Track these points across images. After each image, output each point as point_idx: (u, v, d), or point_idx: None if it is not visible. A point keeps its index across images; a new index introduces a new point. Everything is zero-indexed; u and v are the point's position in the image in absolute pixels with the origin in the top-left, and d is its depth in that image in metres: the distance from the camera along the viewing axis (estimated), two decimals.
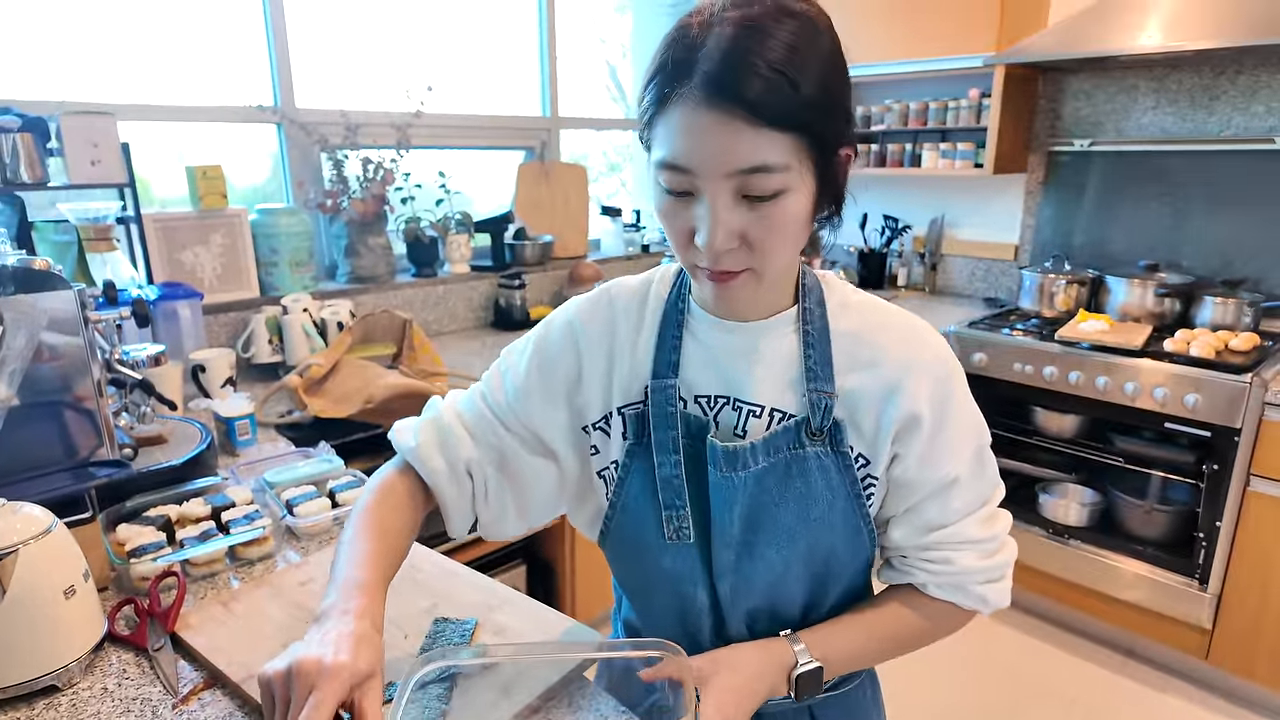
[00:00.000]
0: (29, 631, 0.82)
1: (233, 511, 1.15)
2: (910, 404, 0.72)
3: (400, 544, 0.77)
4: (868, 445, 0.74)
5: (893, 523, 0.78)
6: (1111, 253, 2.69)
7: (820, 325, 0.74)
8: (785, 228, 0.64)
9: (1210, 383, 2.00)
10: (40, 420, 1.16)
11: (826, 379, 0.73)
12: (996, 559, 0.77)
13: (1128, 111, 2.61)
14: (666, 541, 0.76)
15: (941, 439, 0.73)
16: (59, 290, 1.11)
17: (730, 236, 0.64)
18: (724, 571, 0.76)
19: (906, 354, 0.73)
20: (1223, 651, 2.13)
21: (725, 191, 0.62)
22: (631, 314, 0.80)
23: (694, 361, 0.77)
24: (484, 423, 0.83)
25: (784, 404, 0.74)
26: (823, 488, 0.73)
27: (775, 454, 0.73)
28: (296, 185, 2.29)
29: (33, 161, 1.70)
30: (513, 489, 0.84)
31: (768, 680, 0.73)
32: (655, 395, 0.75)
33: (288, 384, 1.69)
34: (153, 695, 0.84)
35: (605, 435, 0.81)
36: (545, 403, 0.81)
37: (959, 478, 0.74)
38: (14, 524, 0.83)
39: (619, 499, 0.80)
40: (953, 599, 0.78)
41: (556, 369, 0.81)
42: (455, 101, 2.62)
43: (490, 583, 1.04)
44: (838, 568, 0.78)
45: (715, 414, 0.76)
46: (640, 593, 0.86)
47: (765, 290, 0.71)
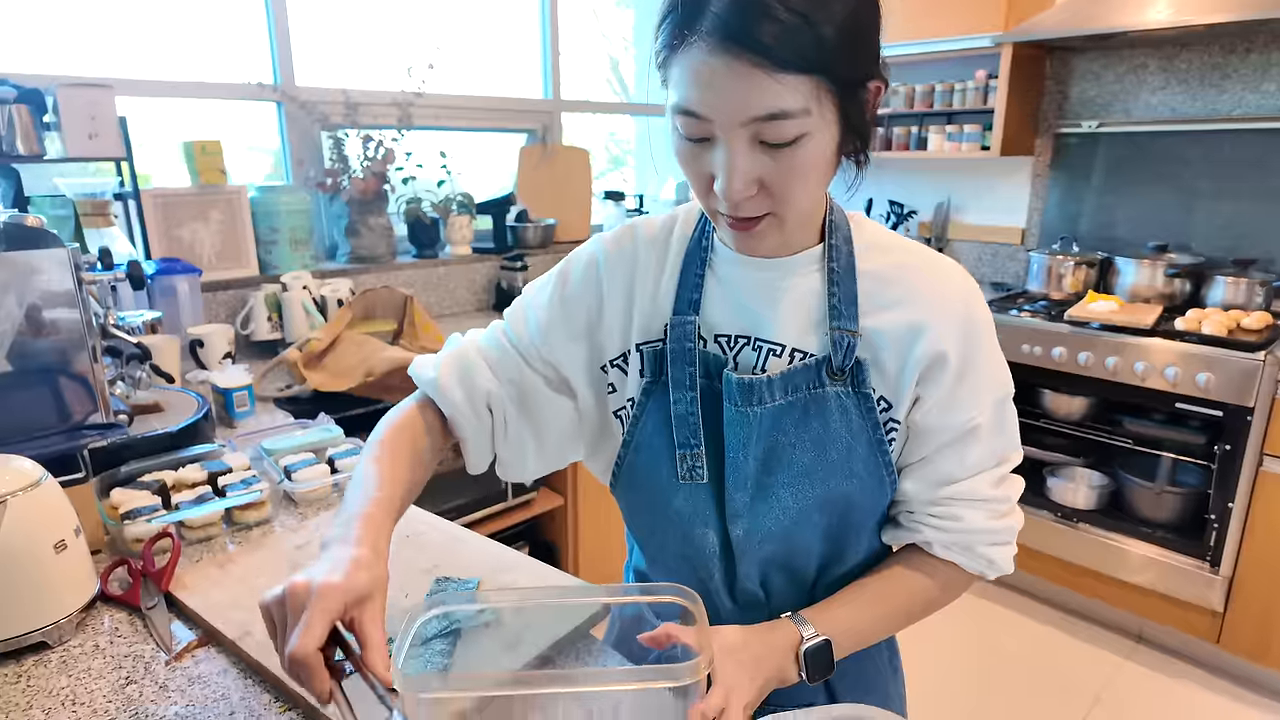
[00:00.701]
0: (18, 585, 0.80)
1: (229, 477, 1.12)
2: (936, 344, 0.69)
3: (415, 475, 0.75)
4: (891, 387, 0.72)
5: (905, 473, 0.75)
6: (1119, 236, 2.67)
7: (846, 263, 0.72)
8: (805, 172, 0.62)
9: (1223, 361, 1.98)
10: (34, 385, 1.13)
11: (850, 318, 0.70)
12: (1006, 521, 0.75)
13: (1136, 92, 2.58)
14: (679, 481, 0.74)
15: (965, 384, 0.70)
16: (52, 249, 1.08)
17: (748, 184, 0.62)
18: (737, 513, 0.73)
19: (935, 293, 0.71)
20: (1234, 635, 2.10)
21: (742, 139, 0.60)
22: (655, 251, 0.78)
23: (716, 300, 0.75)
24: (506, 357, 0.81)
25: (806, 344, 0.72)
26: (842, 429, 0.71)
27: (794, 392, 0.70)
28: (296, 164, 2.27)
29: (28, 134, 1.67)
30: (532, 426, 0.82)
31: (774, 659, 0.70)
32: (674, 331, 0.73)
33: (287, 358, 1.66)
34: (145, 652, 0.81)
35: (623, 373, 0.79)
36: (567, 338, 0.80)
37: (979, 427, 0.72)
38: (3, 475, 0.81)
39: (633, 437, 0.77)
40: (958, 560, 0.76)
41: (579, 304, 0.80)
42: (457, 82, 2.60)
43: (495, 546, 1.01)
44: (857, 518, 0.75)
45: (735, 353, 0.74)
46: (650, 537, 0.84)
47: (790, 232, 0.69)
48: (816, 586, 0.79)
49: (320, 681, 0.54)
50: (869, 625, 0.76)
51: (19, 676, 0.77)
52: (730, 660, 0.66)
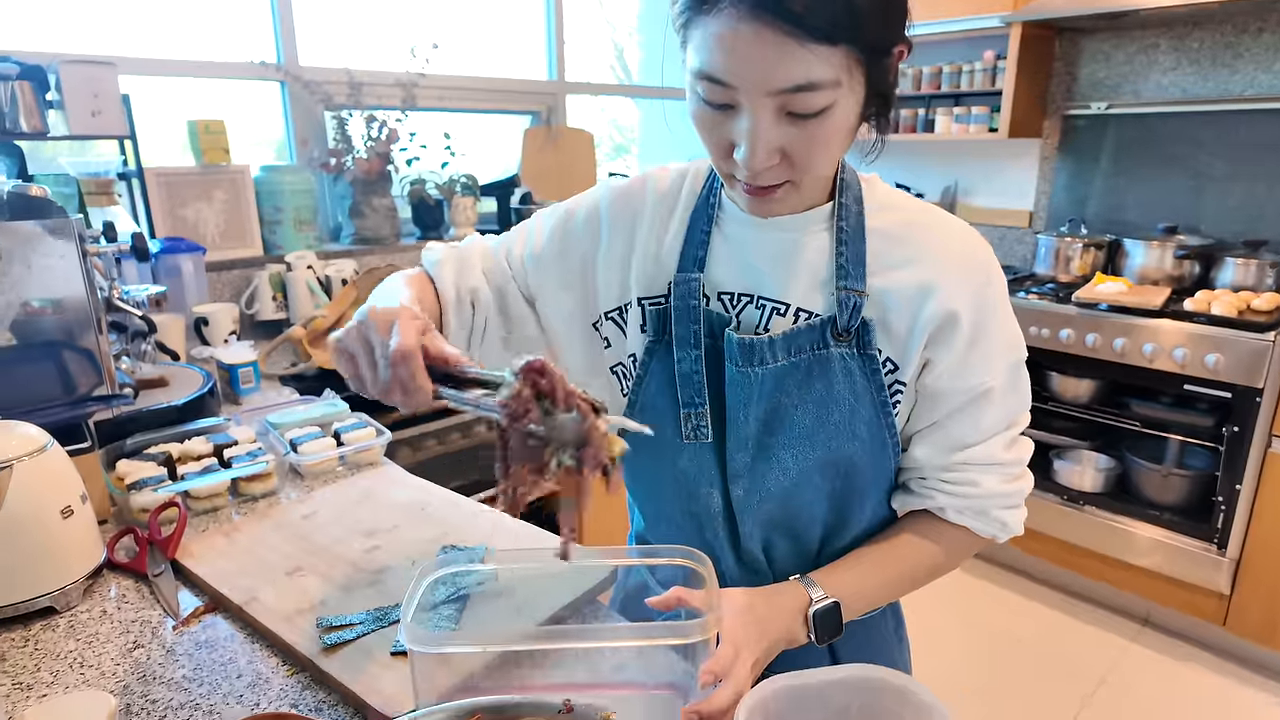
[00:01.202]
0: (25, 550, 0.80)
1: (235, 449, 1.12)
2: (947, 303, 0.68)
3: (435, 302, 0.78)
4: (898, 349, 0.71)
5: (917, 439, 0.74)
6: (1128, 219, 2.64)
7: (855, 223, 0.71)
8: (829, 141, 0.61)
9: (1232, 342, 1.96)
10: (38, 359, 1.13)
11: (858, 278, 0.69)
12: (1018, 484, 0.75)
13: (1147, 72, 2.55)
14: (684, 441, 0.74)
15: (979, 347, 0.69)
16: (56, 219, 1.08)
17: (771, 154, 0.61)
18: (738, 473, 0.73)
19: (947, 252, 0.70)
20: (1241, 617, 2.10)
21: (768, 109, 0.59)
22: (664, 206, 0.78)
23: (721, 258, 0.74)
24: (497, 268, 0.83)
25: (811, 304, 0.71)
26: (845, 391, 0.70)
27: (797, 353, 0.70)
28: (300, 144, 2.25)
29: (31, 111, 1.67)
30: (504, 331, 0.84)
31: (783, 620, 0.69)
32: (678, 289, 0.73)
33: (291, 335, 1.66)
34: (153, 618, 0.81)
35: (618, 328, 0.79)
36: (557, 282, 0.81)
37: (993, 390, 0.70)
38: (9, 441, 0.81)
39: (637, 397, 0.76)
40: (971, 524, 0.75)
41: (574, 249, 0.80)
42: (461, 63, 2.58)
43: (500, 516, 1.01)
44: (860, 483, 0.75)
45: (738, 311, 0.73)
46: (653, 498, 0.83)
47: (805, 195, 0.69)
48: (821, 554, 0.78)
49: (424, 376, 0.57)
50: (877, 588, 0.76)
51: (26, 640, 0.77)
52: (738, 620, 0.65)
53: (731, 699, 0.58)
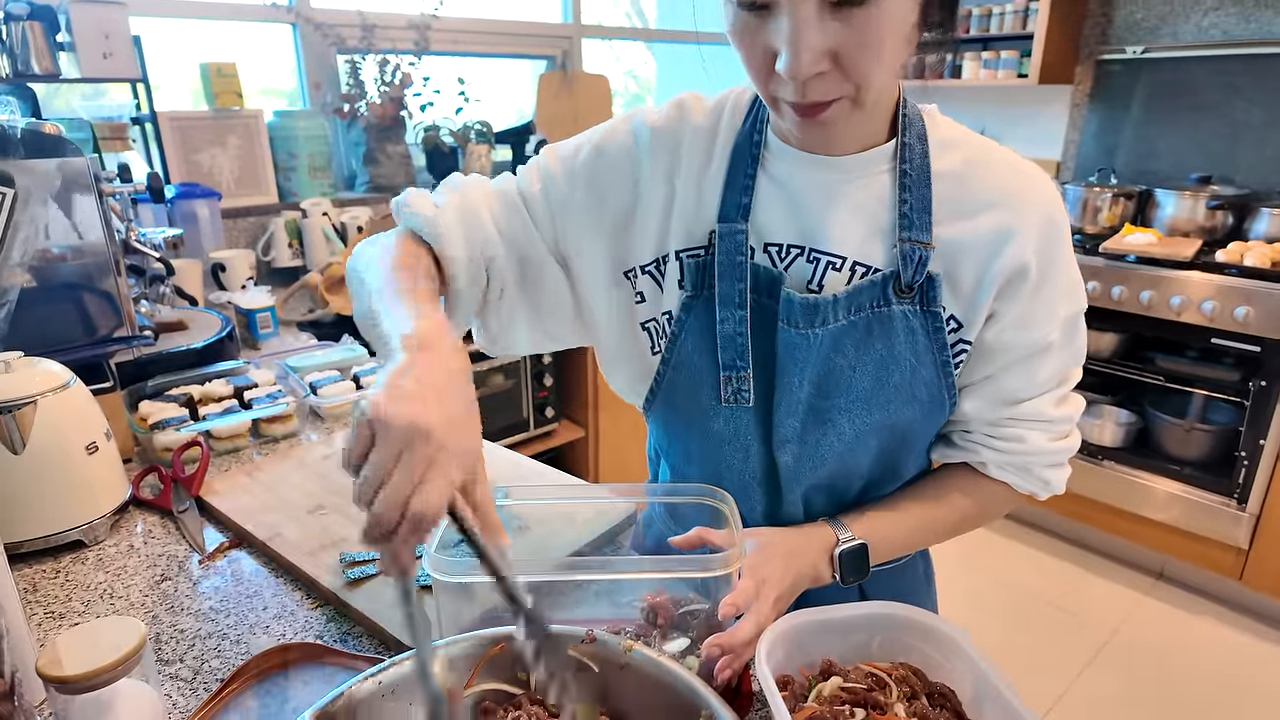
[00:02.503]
0: (54, 484, 0.81)
1: (255, 391, 1.12)
2: (1020, 254, 0.62)
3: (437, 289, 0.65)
4: (964, 305, 0.65)
5: (967, 392, 0.69)
6: (1159, 168, 2.56)
7: (921, 165, 0.63)
8: (884, 40, 0.53)
9: (1264, 294, 1.91)
10: (59, 299, 1.13)
11: (923, 228, 0.63)
12: (1066, 443, 0.71)
13: (1187, 13, 2.45)
14: (721, 405, 0.68)
15: (1042, 297, 0.64)
16: (71, 157, 1.07)
17: (818, 58, 0.52)
18: (787, 439, 0.67)
19: (1023, 195, 0.63)
20: (1259, 571, 2.09)
21: (809, 1, 0.51)
22: (701, 144, 0.69)
23: (768, 203, 0.66)
24: (517, 219, 0.71)
25: (869, 257, 0.64)
26: (907, 351, 0.64)
27: (857, 312, 0.63)
28: (313, 87, 2.22)
29: (42, 52, 1.64)
30: (530, 300, 0.73)
31: (808, 558, 0.67)
32: (723, 242, 0.65)
33: (308, 282, 1.66)
34: (179, 553, 0.83)
35: (655, 282, 0.70)
36: (590, 231, 0.70)
37: (1051, 344, 0.65)
38: (32, 376, 0.81)
39: (672, 355, 0.69)
40: (1012, 480, 0.72)
41: (610, 197, 0.70)
42: (474, 5, 2.52)
43: (520, 458, 1.01)
44: (915, 441, 0.71)
45: (787, 265, 0.66)
46: (684, 461, 0.77)
47: (863, 120, 0.61)
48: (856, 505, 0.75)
49: (410, 554, 0.45)
50: (908, 535, 0.74)
51: (57, 572, 0.79)
52: (762, 555, 0.65)
53: (753, 632, 0.58)
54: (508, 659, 0.55)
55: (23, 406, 0.78)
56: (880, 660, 0.60)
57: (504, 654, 0.55)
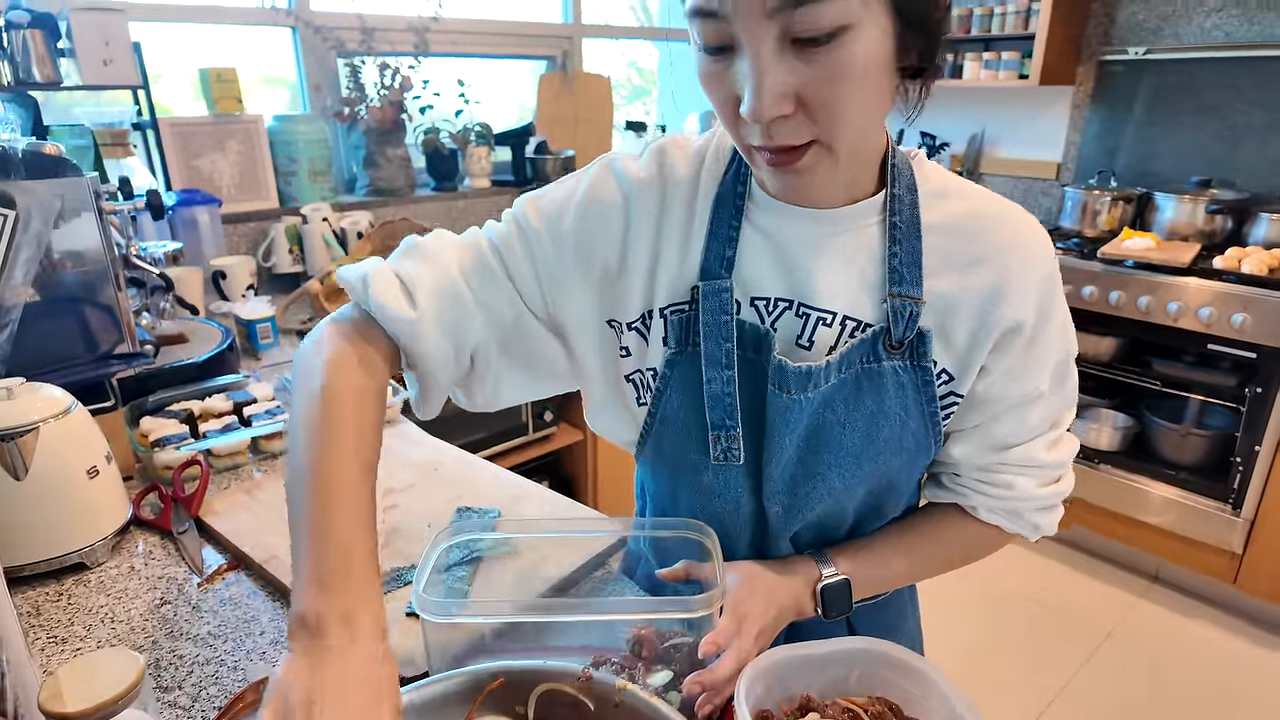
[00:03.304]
0: (54, 509, 0.82)
1: (255, 407, 1.14)
2: (1015, 311, 0.61)
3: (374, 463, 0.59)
4: (957, 359, 0.64)
5: (957, 438, 0.69)
6: (1160, 170, 2.56)
7: (910, 217, 0.62)
8: (852, 79, 0.50)
9: (1260, 301, 1.92)
10: (60, 316, 1.15)
11: (913, 282, 0.61)
12: (1057, 487, 0.70)
13: (1189, 15, 2.44)
14: (712, 461, 0.67)
15: (1035, 350, 0.63)
16: (71, 177, 1.08)
17: (780, 100, 0.50)
18: (776, 493, 0.67)
19: (1017, 250, 0.62)
20: (1253, 576, 2.10)
21: (768, 38, 0.49)
22: (683, 194, 0.66)
23: (753, 256, 0.64)
24: (498, 288, 0.67)
25: (859, 311, 0.63)
26: (896, 407, 0.64)
27: (848, 369, 0.62)
28: (313, 90, 2.23)
29: (43, 60, 1.66)
30: (517, 367, 0.71)
31: (791, 591, 0.68)
32: (706, 301, 0.63)
33: (309, 290, 1.67)
34: (178, 575, 0.84)
35: (640, 337, 0.68)
36: (579, 286, 0.68)
37: (1042, 394, 0.65)
38: (34, 403, 0.83)
39: (657, 409, 0.68)
40: (1002, 523, 0.72)
41: (596, 254, 0.67)
42: (475, 6, 2.52)
43: (512, 476, 1.03)
44: (901, 485, 0.72)
45: (774, 319, 0.64)
46: (672, 507, 0.75)
47: (843, 170, 0.58)
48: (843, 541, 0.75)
49: None
50: (894, 573, 0.74)
51: (59, 595, 0.81)
52: (744, 590, 0.65)
53: (734, 668, 0.59)
54: (506, 693, 0.57)
55: (25, 433, 0.80)
56: (858, 695, 0.61)
57: (502, 688, 0.57)
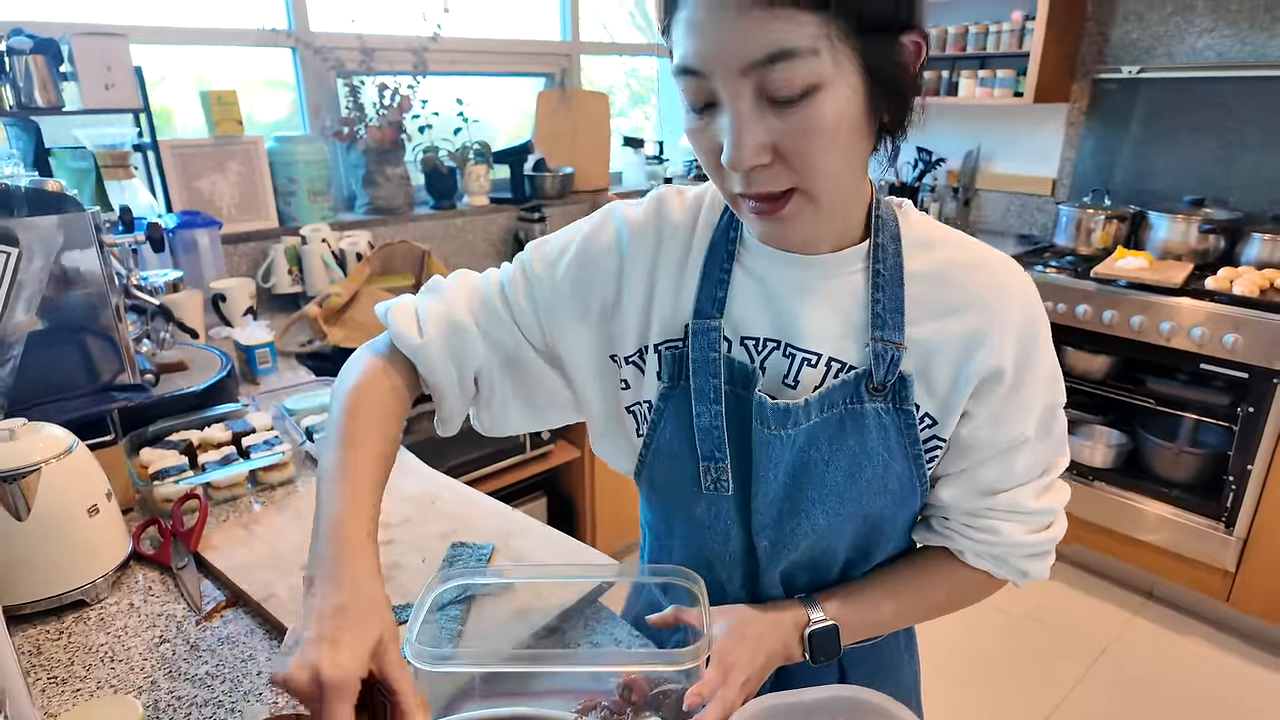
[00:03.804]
0: (55, 548, 0.84)
1: (253, 437, 1.15)
2: (995, 358, 0.63)
3: (388, 454, 0.68)
4: (939, 403, 0.66)
5: (944, 482, 0.70)
6: (1155, 188, 2.58)
7: (893, 265, 0.65)
8: (824, 134, 0.54)
9: (1252, 322, 1.93)
10: (61, 345, 1.16)
11: (895, 328, 0.64)
12: (1046, 534, 0.71)
13: (1182, 34, 2.46)
14: (702, 491, 0.70)
15: (1018, 397, 0.65)
16: (73, 213, 1.10)
17: (758, 151, 0.54)
18: (765, 526, 0.69)
19: (997, 298, 0.64)
20: (1246, 594, 2.12)
21: (746, 94, 0.53)
22: (679, 238, 0.71)
23: (744, 297, 0.68)
24: (499, 323, 0.74)
25: (843, 353, 0.65)
26: (879, 448, 0.66)
27: (830, 409, 0.65)
28: (313, 111, 2.25)
29: (46, 85, 1.67)
30: (520, 394, 0.77)
31: (779, 638, 0.69)
32: (696, 338, 0.67)
33: (307, 314, 1.68)
34: (177, 612, 0.86)
35: (638, 370, 0.72)
36: (576, 323, 0.73)
37: (1027, 439, 0.67)
38: (36, 443, 0.84)
39: (652, 441, 0.72)
40: (989, 569, 0.73)
41: (594, 292, 0.72)
42: (473, 25, 2.54)
43: (508, 510, 1.04)
44: (888, 528, 0.73)
45: (763, 359, 0.67)
46: (667, 536, 0.79)
47: (826, 219, 0.62)
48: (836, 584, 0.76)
49: None
50: (884, 618, 0.75)
51: (60, 633, 0.82)
52: (731, 638, 0.67)
53: (719, 718, 0.61)
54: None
55: (28, 474, 0.81)
56: None
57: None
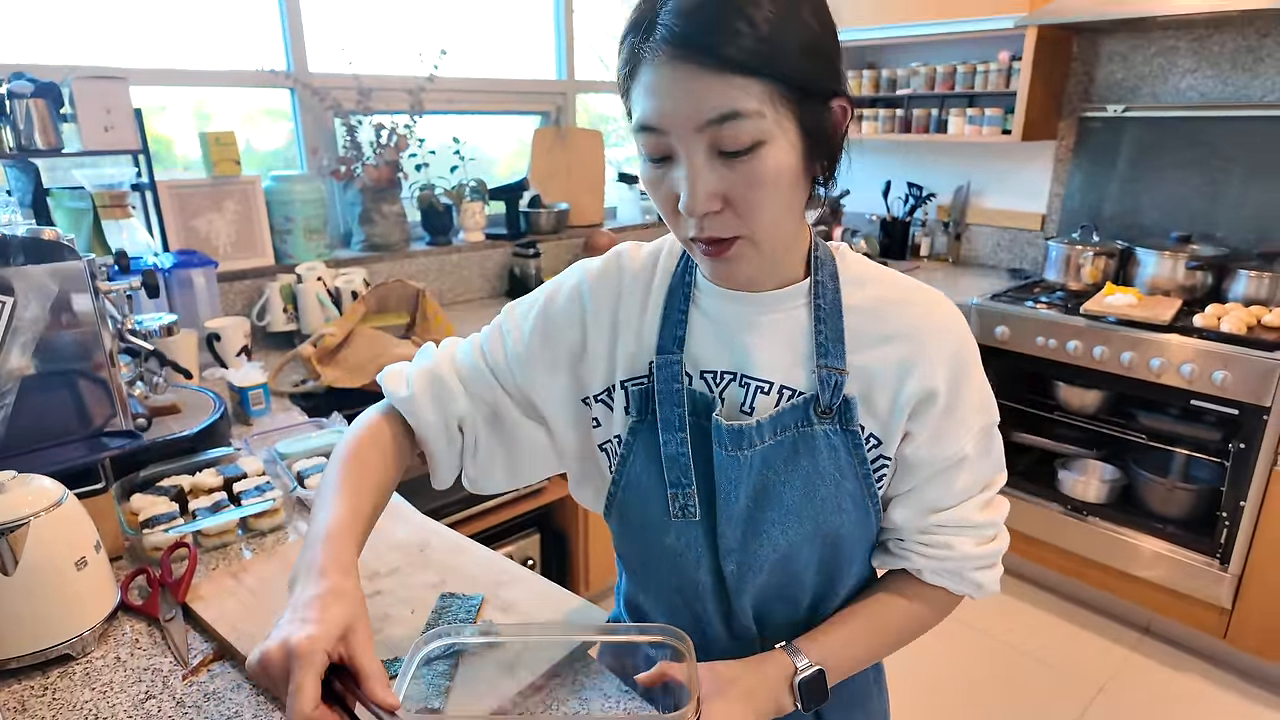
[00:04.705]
0: (42, 602, 0.83)
1: (244, 482, 1.15)
2: (927, 380, 0.70)
3: (381, 487, 0.75)
4: (881, 424, 0.72)
5: (894, 503, 0.76)
6: (1142, 224, 2.61)
7: (832, 299, 0.72)
8: (766, 183, 0.61)
9: (1240, 359, 1.95)
10: (54, 389, 1.16)
11: (837, 355, 0.71)
12: (993, 546, 0.77)
13: (1165, 75, 2.51)
14: (671, 519, 0.75)
15: (953, 418, 0.71)
16: (69, 261, 1.11)
17: (710, 198, 0.61)
18: (730, 549, 0.74)
19: (925, 329, 0.71)
20: (1242, 631, 2.11)
21: (699, 149, 0.60)
22: (639, 285, 0.78)
23: (701, 335, 0.75)
24: (480, 378, 0.81)
25: (793, 381, 0.72)
26: (830, 467, 0.71)
27: (783, 431, 0.71)
28: (310, 151, 2.27)
29: (46, 127, 1.69)
30: (503, 447, 0.83)
31: (769, 692, 0.72)
32: (660, 372, 0.73)
33: (301, 353, 1.69)
34: (163, 666, 0.85)
35: (607, 408, 0.79)
36: (546, 371, 0.80)
37: (966, 457, 0.73)
38: (25, 496, 0.84)
39: (622, 476, 0.78)
40: (947, 584, 0.78)
41: (560, 338, 0.79)
42: (469, 65, 2.58)
43: (498, 559, 1.04)
44: (848, 550, 0.77)
45: (721, 390, 0.74)
46: (642, 570, 0.85)
47: (769, 260, 0.69)
48: (811, 619, 0.80)
49: None
50: (862, 651, 0.78)
51: (45, 689, 0.81)
52: (721, 700, 0.67)
53: None
54: None
55: (16, 529, 0.81)
56: None
57: None
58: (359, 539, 0.68)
